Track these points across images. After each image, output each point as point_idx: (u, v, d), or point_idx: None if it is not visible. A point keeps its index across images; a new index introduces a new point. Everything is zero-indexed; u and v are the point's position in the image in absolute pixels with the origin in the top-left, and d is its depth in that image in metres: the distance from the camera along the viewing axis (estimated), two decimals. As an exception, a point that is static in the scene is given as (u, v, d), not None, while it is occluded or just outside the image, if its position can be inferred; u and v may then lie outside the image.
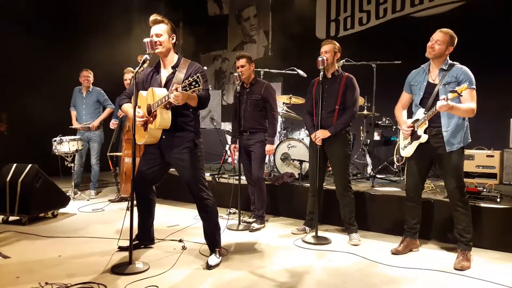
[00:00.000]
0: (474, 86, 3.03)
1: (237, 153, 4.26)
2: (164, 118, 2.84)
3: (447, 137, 3.07)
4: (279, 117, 5.11)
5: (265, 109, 4.07)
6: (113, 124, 5.42)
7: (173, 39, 2.97)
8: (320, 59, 3.56)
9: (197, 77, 2.55)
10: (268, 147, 4.06)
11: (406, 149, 3.31)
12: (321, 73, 3.59)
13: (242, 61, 4.02)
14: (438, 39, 3.08)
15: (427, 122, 3.12)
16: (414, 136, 3.22)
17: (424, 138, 3.15)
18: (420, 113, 3.19)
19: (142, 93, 3.00)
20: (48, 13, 6.73)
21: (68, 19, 7.05)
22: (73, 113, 5.71)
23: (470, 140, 3.16)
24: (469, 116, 3.06)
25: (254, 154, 4.05)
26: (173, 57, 3.02)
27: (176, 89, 2.57)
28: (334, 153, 3.70)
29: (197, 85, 2.54)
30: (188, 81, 2.56)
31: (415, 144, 3.22)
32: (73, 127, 5.56)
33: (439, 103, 2.83)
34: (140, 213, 3.31)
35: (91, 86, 5.71)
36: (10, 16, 6.31)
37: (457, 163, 3.10)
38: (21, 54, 6.31)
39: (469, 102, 2.97)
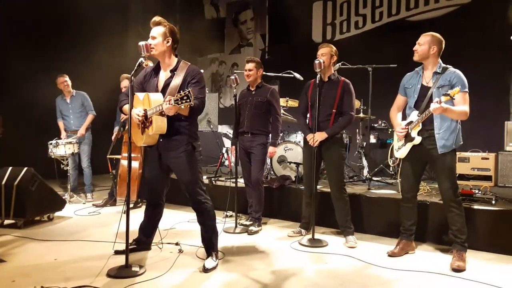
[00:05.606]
0: (467, 90, 3.08)
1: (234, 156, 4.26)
2: (159, 125, 2.85)
3: (440, 139, 3.12)
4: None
5: (268, 112, 4.09)
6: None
7: (168, 42, 2.92)
8: (316, 62, 3.58)
9: (188, 92, 2.59)
10: (271, 149, 4.08)
11: (400, 150, 3.35)
12: (318, 76, 3.62)
13: (250, 65, 4.07)
14: (419, 41, 3.20)
15: (420, 124, 3.17)
16: (408, 137, 3.27)
17: (417, 140, 3.20)
18: (414, 115, 3.24)
19: (139, 96, 2.97)
20: (44, 16, 6.71)
21: (65, 23, 7.03)
22: (61, 124, 5.57)
23: (462, 142, 3.22)
24: (462, 119, 3.12)
25: (254, 156, 4.05)
26: (171, 60, 3.00)
27: (169, 101, 2.62)
28: (331, 156, 3.71)
29: (188, 100, 2.59)
30: (180, 94, 2.61)
31: (409, 145, 3.27)
32: (66, 140, 5.29)
33: (432, 106, 2.89)
34: (146, 218, 3.33)
35: (72, 90, 5.56)
36: (4, 17, 6.29)
37: (450, 164, 3.15)
38: (16, 56, 6.29)
39: (462, 105, 3.03)
